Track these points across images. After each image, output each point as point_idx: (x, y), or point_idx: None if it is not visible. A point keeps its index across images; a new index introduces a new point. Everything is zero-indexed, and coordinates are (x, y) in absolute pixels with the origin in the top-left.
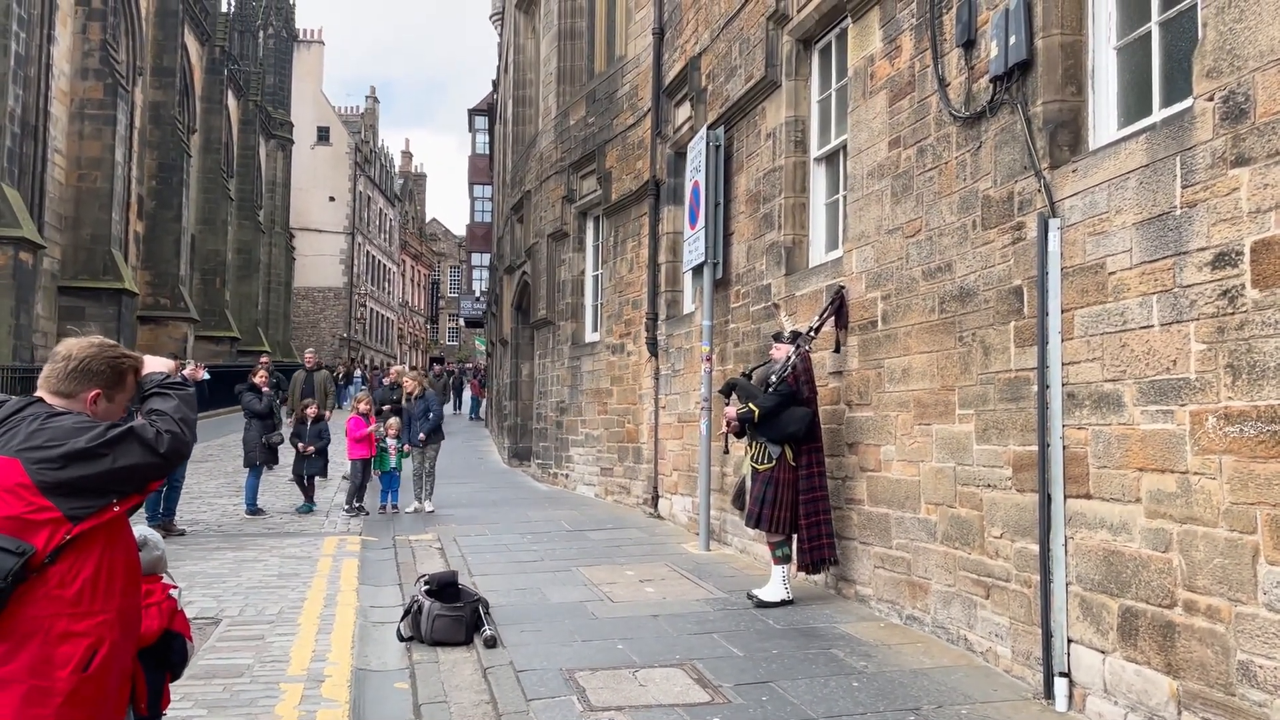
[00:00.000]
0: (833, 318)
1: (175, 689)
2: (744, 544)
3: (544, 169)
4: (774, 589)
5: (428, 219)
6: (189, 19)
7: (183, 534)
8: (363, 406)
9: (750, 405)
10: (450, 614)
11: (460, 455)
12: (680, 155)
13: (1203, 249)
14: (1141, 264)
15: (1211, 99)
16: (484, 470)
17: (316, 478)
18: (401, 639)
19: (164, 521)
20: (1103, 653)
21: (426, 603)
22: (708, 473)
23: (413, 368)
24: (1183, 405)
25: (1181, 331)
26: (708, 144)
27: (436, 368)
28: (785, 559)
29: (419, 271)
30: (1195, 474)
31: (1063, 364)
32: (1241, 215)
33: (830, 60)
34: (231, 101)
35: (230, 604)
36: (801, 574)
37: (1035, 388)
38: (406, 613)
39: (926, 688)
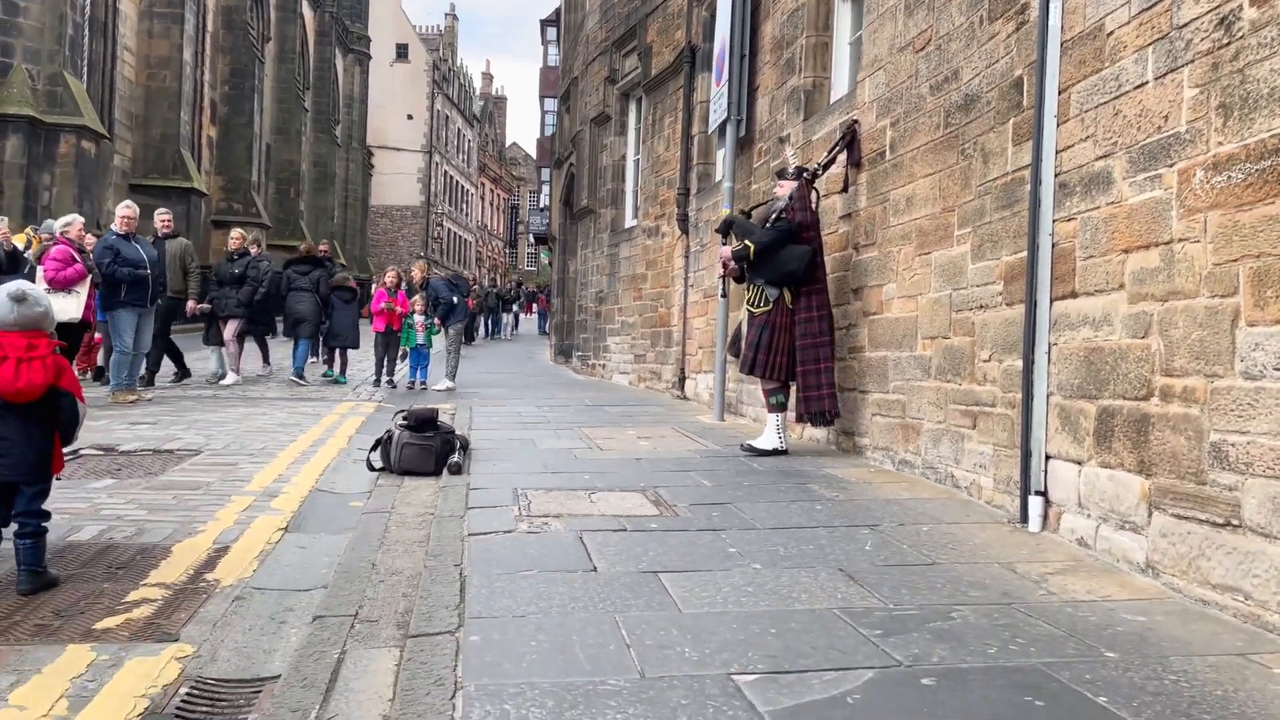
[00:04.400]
0: (844, 153)
1: (123, 494)
2: (758, 413)
3: (589, 51)
4: (768, 437)
5: (508, 143)
6: None
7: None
8: (389, 278)
9: (746, 242)
10: (419, 443)
11: (512, 357)
12: (714, 17)
13: None
14: (1140, 13)
15: None
16: (528, 366)
17: (349, 350)
18: (372, 469)
19: (127, 387)
20: (1078, 463)
21: (398, 432)
22: (724, 340)
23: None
24: (1171, 165)
25: (1175, 80)
26: None
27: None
28: (780, 407)
29: (498, 195)
30: (1179, 241)
31: (1056, 151)
32: None
33: None
34: (307, 11)
35: (218, 441)
36: (802, 427)
37: (1029, 186)
38: (378, 444)
39: (894, 511)
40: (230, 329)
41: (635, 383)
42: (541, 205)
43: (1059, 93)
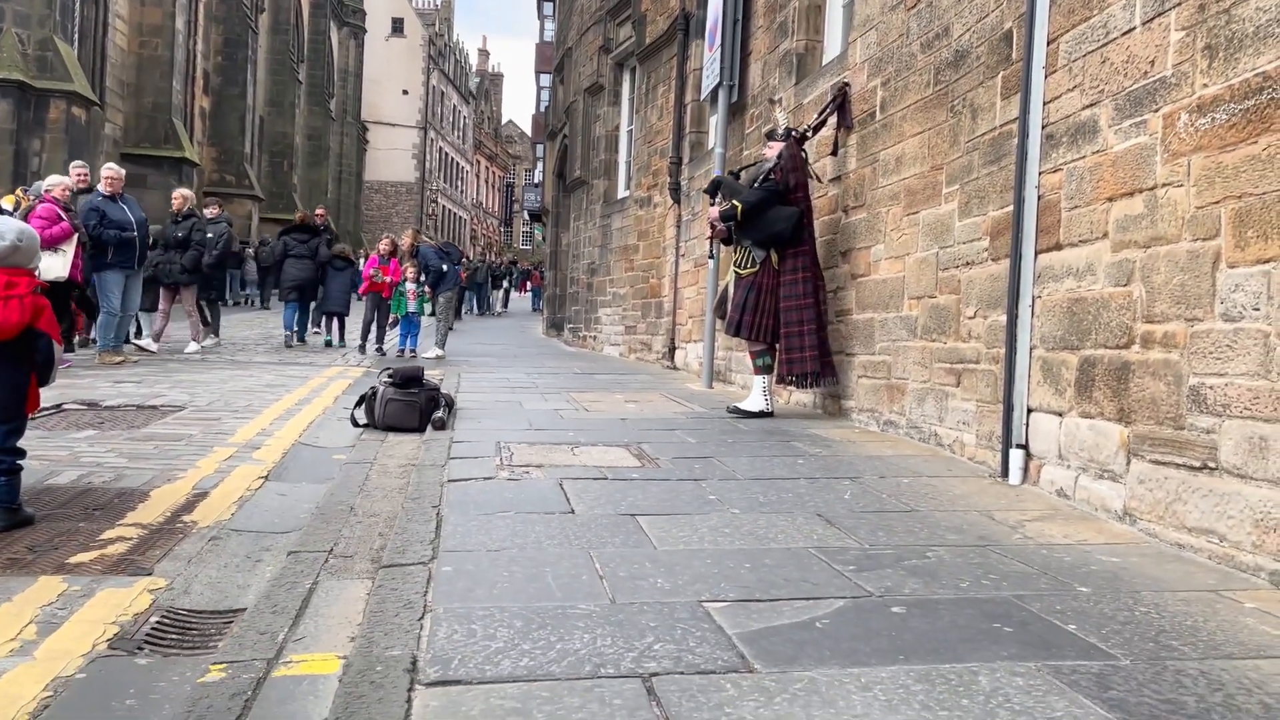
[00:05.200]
0: (835, 115)
1: (104, 444)
2: (747, 379)
3: (584, 21)
4: (754, 399)
5: (504, 121)
6: None
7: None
8: (382, 246)
9: (734, 202)
10: (403, 399)
11: (505, 330)
12: None
13: None
14: None
15: None
16: (519, 338)
17: (344, 316)
18: (356, 425)
19: (114, 348)
20: (1059, 415)
21: (382, 389)
22: (713, 306)
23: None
24: (1156, 110)
25: (1162, 24)
26: None
27: (504, 259)
28: (766, 369)
29: (493, 173)
30: (1163, 186)
31: (1044, 103)
32: None
33: None
34: None
35: (202, 399)
36: (787, 390)
37: (1016, 139)
38: (362, 400)
39: (876, 466)
40: (189, 296)
41: (626, 354)
42: (536, 181)
43: (1048, 43)
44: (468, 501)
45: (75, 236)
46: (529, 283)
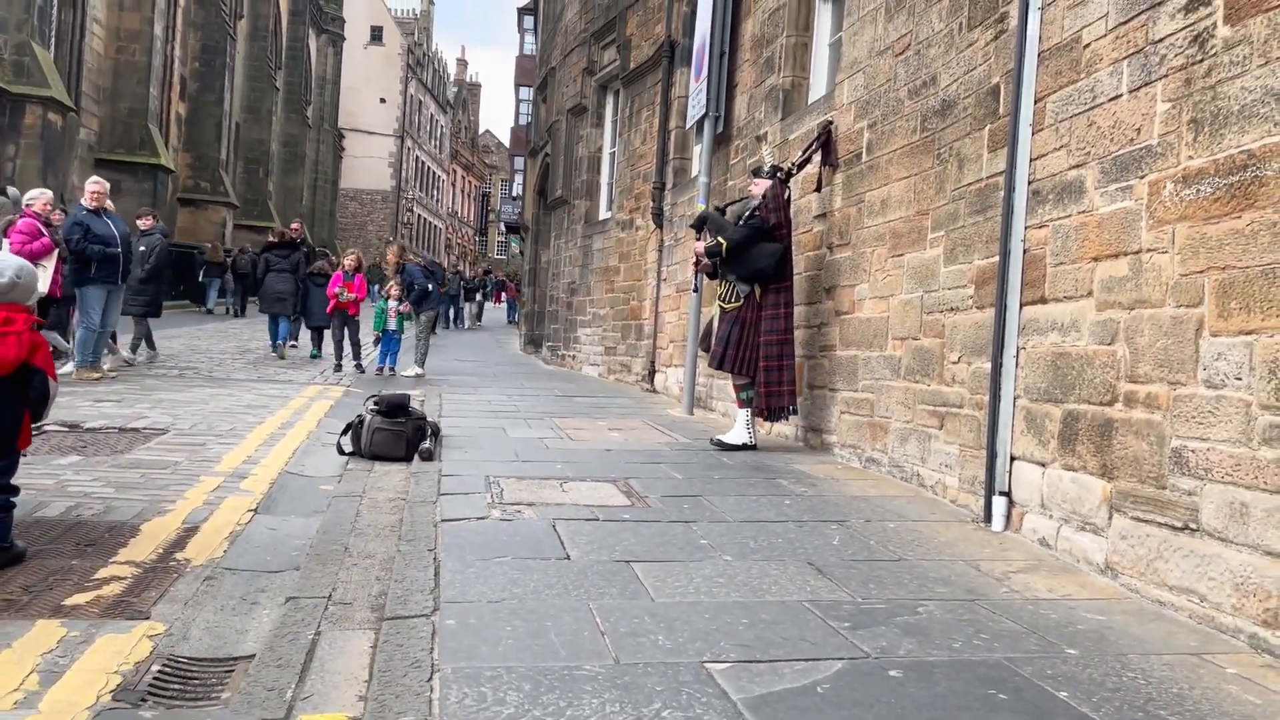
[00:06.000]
0: (819, 153)
1: (90, 471)
2: (727, 408)
3: (568, 42)
4: (738, 433)
5: (481, 130)
6: None
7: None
8: (347, 263)
9: (719, 239)
10: (390, 428)
11: (482, 345)
12: (695, 13)
13: None
14: (1116, 27)
15: None
16: (497, 355)
17: (325, 329)
18: (342, 453)
19: (92, 364)
20: (1042, 465)
21: (369, 417)
22: (695, 335)
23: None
24: (1142, 176)
25: (1149, 94)
26: None
27: (478, 270)
28: (749, 402)
29: (470, 182)
30: (1148, 251)
31: (1031, 159)
32: None
33: None
34: None
35: (185, 421)
36: (768, 425)
37: (1003, 192)
38: (349, 428)
39: (861, 508)
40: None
41: (605, 374)
42: (515, 194)
43: (1035, 102)
44: (463, 544)
45: (55, 252)
46: (504, 294)
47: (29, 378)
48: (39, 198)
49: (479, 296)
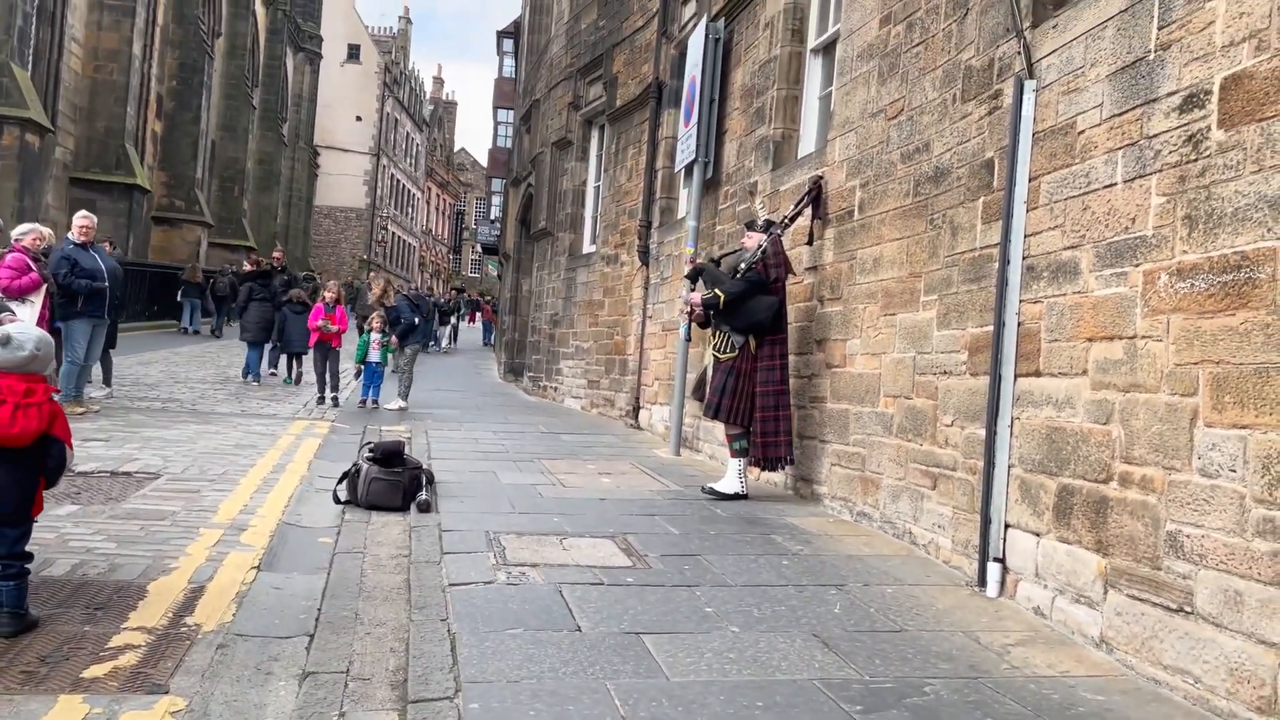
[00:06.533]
0: (809, 207)
1: (89, 523)
2: (714, 450)
3: (553, 75)
4: (729, 481)
5: (456, 148)
6: None
7: (95, 411)
8: (328, 295)
9: (715, 291)
10: (388, 478)
11: (460, 371)
12: (684, 56)
13: (1172, 93)
14: (1111, 118)
15: None
16: (477, 383)
17: (303, 355)
18: (338, 502)
19: (75, 398)
20: (1037, 535)
21: (365, 466)
22: (683, 377)
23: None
24: (1137, 265)
25: (1143, 186)
26: (707, 36)
27: (451, 293)
28: (743, 452)
29: (444, 201)
30: (1142, 338)
31: (1025, 235)
32: (1214, 51)
33: None
34: (259, 8)
35: (176, 464)
36: (758, 472)
37: (997, 264)
38: (345, 476)
39: (857, 570)
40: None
41: (588, 407)
42: (492, 217)
43: (1029, 180)
44: (475, 614)
45: (44, 287)
46: (478, 314)
47: (47, 447)
48: (29, 233)
49: (453, 319)
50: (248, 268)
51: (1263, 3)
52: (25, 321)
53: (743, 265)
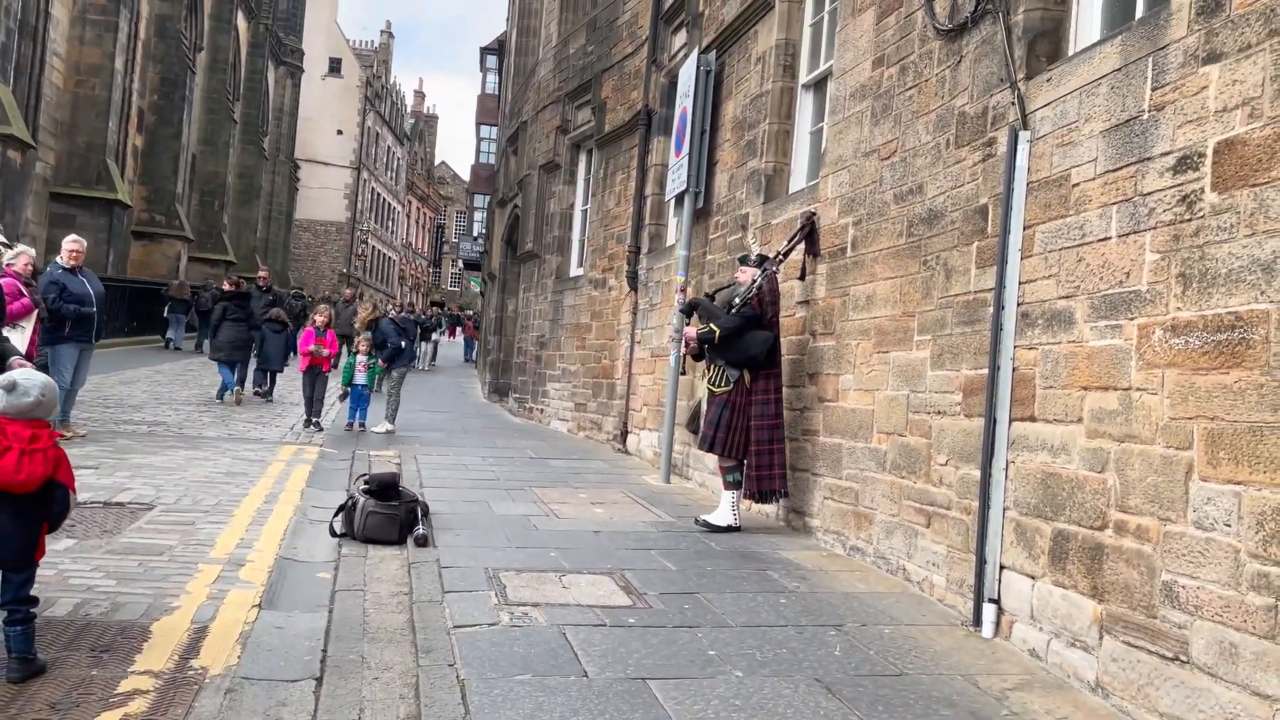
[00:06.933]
0: (802, 243)
1: (87, 559)
2: (704, 478)
3: (541, 98)
4: (722, 514)
5: (437, 162)
6: None
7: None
8: (318, 320)
9: (711, 326)
10: (384, 511)
11: (443, 390)
12: (674, 85)
13: (1166, 153)
14: (1105, 173)
15: None
16: (462, 403)
17: (276, 373)
18: (334, 535)
19: (62, 423)
20: (1032, 578)
21: (362, 499)
22: (673, 404)
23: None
24: (1131, 319)
25: (1138, 242)
26: (698, 68)
27: (432, 310)
28: (736, 485)
29: (425, 214)
30: (1137, 390)
31: (1020, 283)
32: (1208, 115)
33: None
34: (241, 22)
35: (169, 494)
36: (751, 503)
37: (991, 309)
38: (341, 509)
39: (854, 609)
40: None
41: (574, 430)
42: (475, 233)
43: (1024, 228)
44: (482, 658)
45: (35, 312)
46: (459, 329)
47: (51, 491)
48: (20, 256)
49: (435, 335)
50: (226, 287)
51: (1255, 71)
52: (15, 340)
53: (737, 300)
